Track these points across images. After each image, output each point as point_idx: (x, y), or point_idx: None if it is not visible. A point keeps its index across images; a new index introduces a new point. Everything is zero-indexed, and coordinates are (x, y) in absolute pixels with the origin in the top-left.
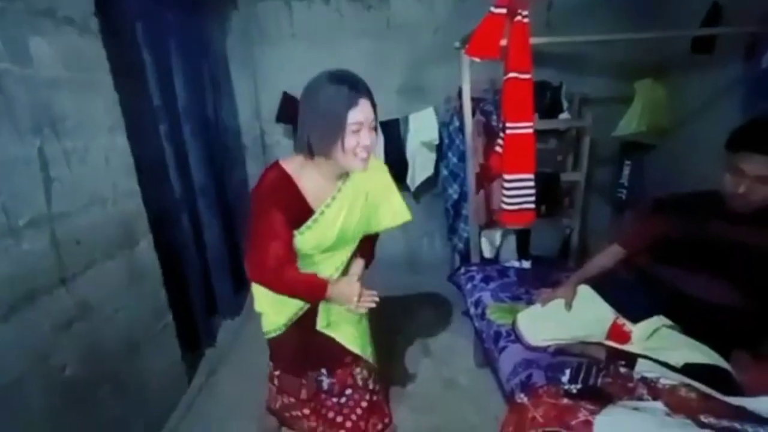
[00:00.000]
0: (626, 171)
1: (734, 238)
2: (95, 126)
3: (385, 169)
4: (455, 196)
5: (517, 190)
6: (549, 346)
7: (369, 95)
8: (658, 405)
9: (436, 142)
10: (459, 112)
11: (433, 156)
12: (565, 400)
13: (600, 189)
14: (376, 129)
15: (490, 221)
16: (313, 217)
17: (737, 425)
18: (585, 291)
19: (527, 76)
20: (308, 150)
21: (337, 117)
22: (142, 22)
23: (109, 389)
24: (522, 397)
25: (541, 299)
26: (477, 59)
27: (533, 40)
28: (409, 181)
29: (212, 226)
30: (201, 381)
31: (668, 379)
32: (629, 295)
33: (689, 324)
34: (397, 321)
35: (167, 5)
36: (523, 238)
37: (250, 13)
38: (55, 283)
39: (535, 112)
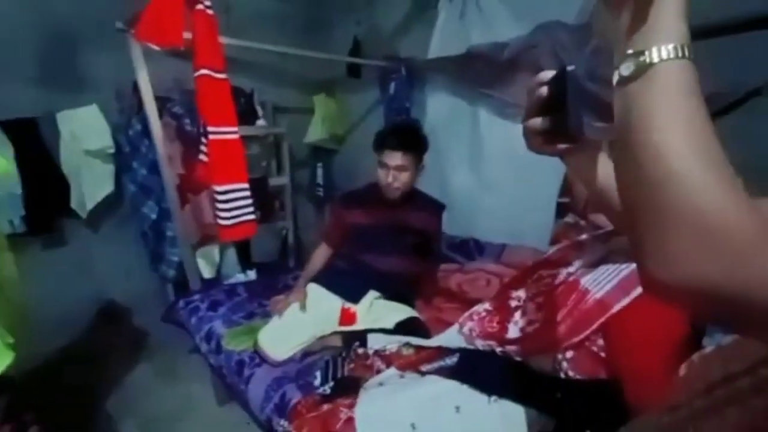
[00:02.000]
0: (320, 172)
1: (396, 218)
2: None
3: None
4: (153, 216)
5: (233, 202)
6: (295, 354)
7: None
8: (392, 371)
9: (112, 150)
10: (138, 113)
11: (110, 168)
12: (325, 406)
13: (302, 189)
14: None
15: (204, 238)
16: None
17: (442, 362)
18: (314, 288)
19: (222, 76)
20: None
21: None
22: None
23: None
24: (283, 424)
25: (276, 310)
26: (155, 47)
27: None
28: (74, 204)
29: None
30: None
31: (391, 344)
32: (346, 281)
33: (386, 290)
34: (100, 390)
35: None
36: (244, 249)
37: None
38: None
39: None
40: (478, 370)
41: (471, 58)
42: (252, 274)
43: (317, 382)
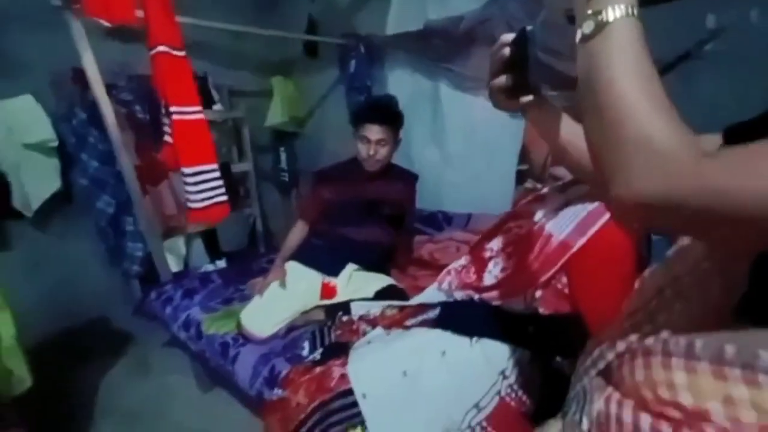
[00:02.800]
0: (283, 156)
1: (372, 191)
2: None
3: None
4: (110, 210)
5: (203, 184)
6: (279, 330)
7: None
8: (379, 330)
9: (54, 143)
10: (82, 100)
11: (53, 162)
12: (317, 369)
13: (265, 175)
14: None
15: (167, 230)
16: None
17: (425, 316)
18: (293, 266)
19: (182, 53)
20: None
21: None
22: None
23: None
24: (277, 392)
25: (257, 290)
26: (104, 23)
27: None
28: (17, 203)
29: None
30: None
31: (374, 308)
32: (324, 256)
33: (364, 261)
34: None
35: None
36: (211, 238)
37: None
38: None
39: None
40: (458, 316)
41: (429, 33)
42: (222, 264)
43: (305, 352)
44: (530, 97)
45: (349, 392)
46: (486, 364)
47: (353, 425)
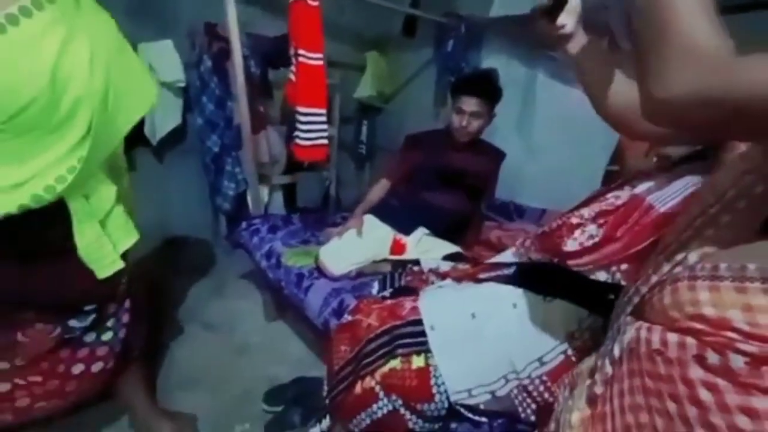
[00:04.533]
0: (364, 129)
1: (458, 161)
2: None
3: (111, 22)
4: (215, 149)
5: (312, 125)
6: (350, 272)
7: None
8: (449, 282)
9: (182, 84)
10: (209, 50)
11: (179, 102)
12: (389, 302)
13: (345, 144)
14: None
15: (258, 176)
16: None
17: (500, 272)
18: (369, 218)
19: (316, 3)
20: None
21: None
22: None
23: None
24: (347, 317)
25: (336, 232)
26: None
27: None
28: (147, 131)
29: None
30: None
31: (444, 266)
32: (399, 215)
33: (436, 227)
34: (162, 301)
35: None
36: (290, 192)
37: None
38: None
39: None
40: (533, 275)
41: (535, 18)
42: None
43: (374, 290)
44: (570, 27)
45: (419, 322)
46: (556, 323)
47: (418, 352)
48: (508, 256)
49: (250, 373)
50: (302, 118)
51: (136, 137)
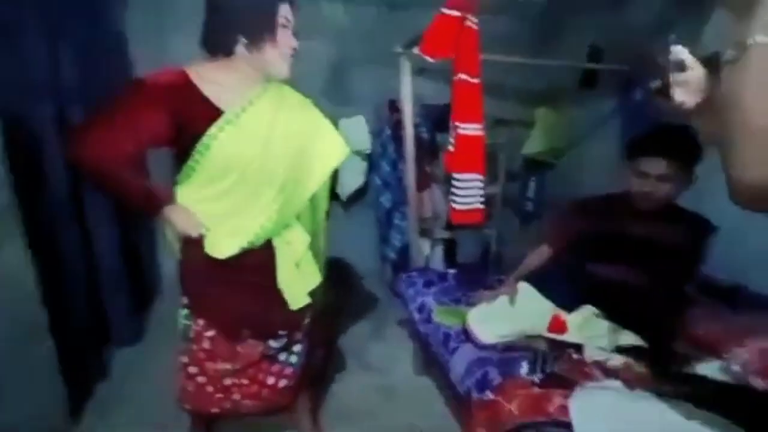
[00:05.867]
0: (531, 185)
1: (641, 232)
2: None
3: (309, 102)
4: (387, 205)
5: (468, 190)
6: (498, 344)
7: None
8: (616, 383)
9: (368, 150)
10: (390, 121)
11: (364, 165)
12: (536, 389)
13: (509, 201)
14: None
15: (420, 231)
16: (226, 117)
17: (693, 387)
18: (524, 287)
19: (476, 81)
20: (229, 45)
21: (271, 5)
22: None
23: None
24: (488, 395)
25: (486, 298)
26: (430, 59)
27: None
28: (339, 189)
29: (105, 229)
30: (92, 422)
31: (614, 360)
32: (560, 289)
33: (611, 309)
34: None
35: None
36: (451, 248)
37: None
38: None
39: None
40: (744, 408)
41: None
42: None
43: (523, 370)
44: (691, 103)
45: (566, 426)
46: None
47: None
48: (713, 368)
49: (393, 419)
50: (459, 184)
51: (330, 194)
